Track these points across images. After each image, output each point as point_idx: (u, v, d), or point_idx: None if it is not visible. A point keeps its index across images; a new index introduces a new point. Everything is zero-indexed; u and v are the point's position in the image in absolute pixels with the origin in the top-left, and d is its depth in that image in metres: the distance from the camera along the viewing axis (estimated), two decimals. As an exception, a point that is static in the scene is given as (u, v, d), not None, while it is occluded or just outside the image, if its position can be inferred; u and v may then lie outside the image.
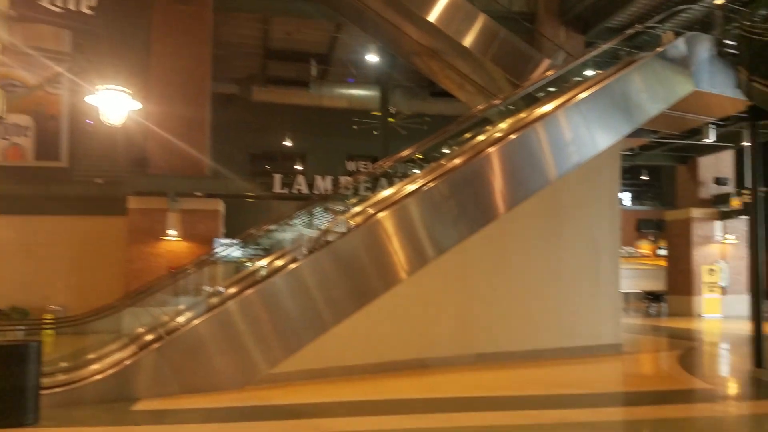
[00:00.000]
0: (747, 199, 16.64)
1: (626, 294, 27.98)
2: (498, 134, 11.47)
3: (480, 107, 12.52)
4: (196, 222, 16.25)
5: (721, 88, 13.12)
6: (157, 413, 7.13)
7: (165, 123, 15.59)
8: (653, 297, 25.22)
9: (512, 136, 10.88)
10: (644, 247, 30.38)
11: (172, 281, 11.05)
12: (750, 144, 10.23)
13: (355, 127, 25.91)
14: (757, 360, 9.69)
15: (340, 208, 11.91)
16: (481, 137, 11.65)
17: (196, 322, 8.60)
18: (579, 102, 11.34)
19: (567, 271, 11.66)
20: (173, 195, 15.79)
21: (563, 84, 13.64)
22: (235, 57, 21.44)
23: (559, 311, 11.48)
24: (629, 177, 31.20)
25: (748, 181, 14.64)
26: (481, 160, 10.64)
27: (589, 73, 13.47)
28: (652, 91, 12.23)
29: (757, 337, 9.75)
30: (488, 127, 12.01)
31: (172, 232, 15.86)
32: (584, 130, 11.35)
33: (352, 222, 10.13)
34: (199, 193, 16.21)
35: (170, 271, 10.64)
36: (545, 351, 11.11)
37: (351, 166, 21.19)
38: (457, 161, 10.97)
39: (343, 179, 16.23)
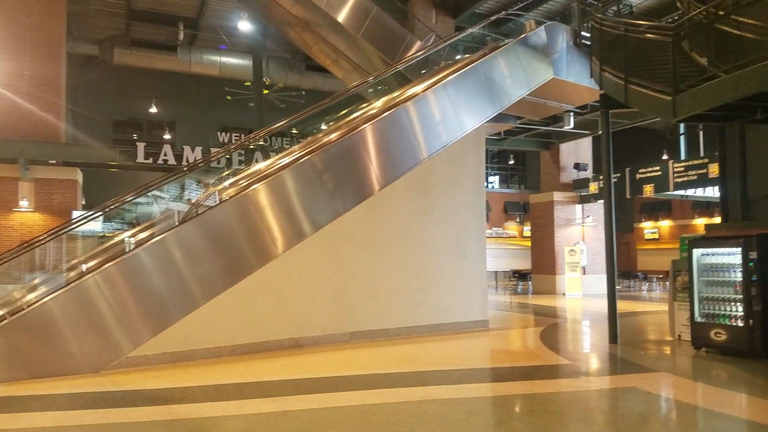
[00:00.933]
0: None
1: (495, 273, 29.63)
2: (372, 111, 11.30)
3: (354, 84, 12.25)
4: (51, 192, 14.86)
5: (578, 77, 13.92)
6: None
7: (13, 83, 14.25)
8: (520, 276, 26.68)
9: (385, 114, 10.75)
10: (512, 228, 32.20)
11: (23, 255, 9.81)
12: (604, 132, 10.82)
13: (229, 97, 24.78)
14: (612, 336, 10.42)
15: (210, 180, 11.24)
16: (355, 114, 11.42)
17: (47, 299, 7.68)
18: (447, 83, 11.41)
19: (437, 249, 11.81)
20: (24, 162, 14.22)
21: (433, 66, 13.79)
22: (95, 15, 19.51)
23: (430, 289, 11.62)
24: (497, 161, 32.92)
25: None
26: (356, 136, 10.39)
27: (458, 56, 13.74)
28: (516, 77, 12.65)
29: (611, 315, 10.47)
30: (362, 105, 11.82)
31: (24, 203, 14.49)
32: (451, 111, 11.48)
33: (223, 195, 9.49)
34: (53, 161, 14.72)
35: (22, 244, 9.37)
36: (417, 328, 11.29)
37: (224, 137, 20.12)
38: (332, 136, 10.63)
39: (214, 150, 15.32)
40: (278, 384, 7.31)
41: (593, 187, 22.10)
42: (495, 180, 33.28)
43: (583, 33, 14.10)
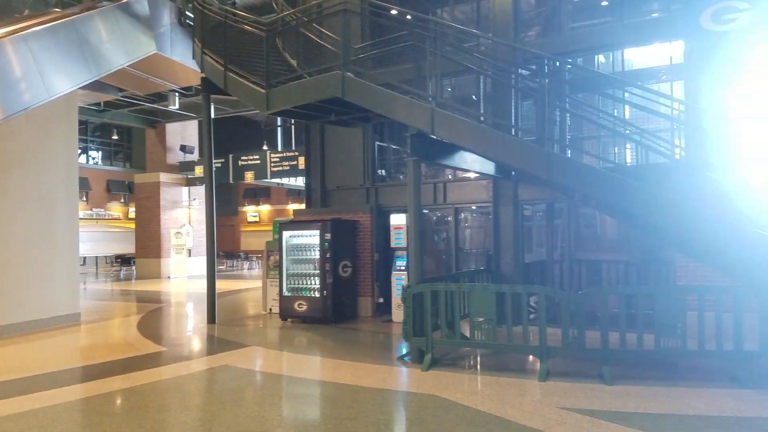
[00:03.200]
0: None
1: (95, 258, 27.17)
2: None
3: None
4: None
5: (183, 57, 13.71)
6: None
7: None
8: (123, 260, 25.09)
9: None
10: (116, 209, 29.93)
11: None
12: (205, 116, 10.94)
13: None
14: (211, 316, 10.70)
15: None
16: None
17: None
18: (29, 35, 9.63)
19: (16, 233, 10.03)
20: None
21: (14, 13, 11.60)
22: None
23: (3, 281, 9.81)
24: (100, 135, 30.02)
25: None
26: None
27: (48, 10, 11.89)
28: (115, 43, 11.65)
29: (210, 296, 10.73)
30: None
31: None
32: (35, 68, 9.80)
33: None
34: None
35: None
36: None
37: None
38: None
39: None
40: None
41: (198, 170, 22.32)
42: (98, 156, 30.22)
43: (189, 13, 13.93)
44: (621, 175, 6.54)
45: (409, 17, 8.23)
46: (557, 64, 7.32)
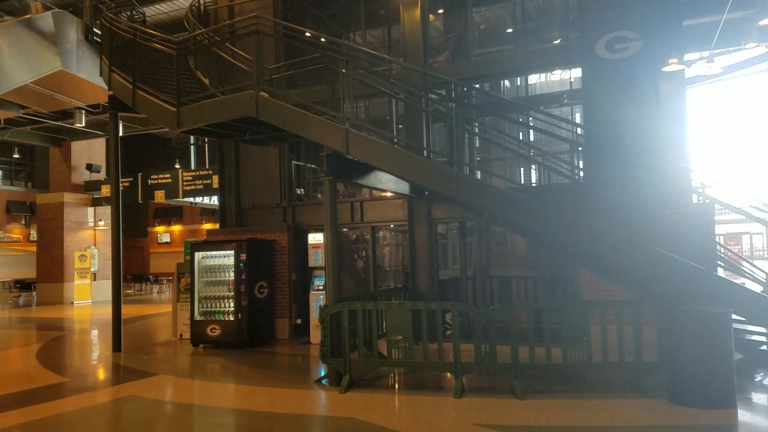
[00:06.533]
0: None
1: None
2: None
3: None
4: None
5: (90, 74, 13.12)
6: None
7: None
8: (23, 285, 23.37)
9: None
10: (15, 231, 27.82)
11: None
12: (112, 134, 10.47)
13: None
14: (116, 344, 10.10)
15: None
16: None
17: None
18: None
19: None
20: None
21: None
22: None
23: None
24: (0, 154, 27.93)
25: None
26: None
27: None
28: (17, 60, 11.04)
29: (116, 322, 10.14)
30: None
31: None
32: None
33: None
34: None
35: None
36: None
37: None
38: None
39: None
40: None
41: (105, 190, 21.23)
42: (-4, 175, 27.99)
43: (97, 30, 13.38)
44: (525, 195, 6.85)
45: (323, 40, 8.30)
46: (464, 89, 7.59)
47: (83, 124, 17.30)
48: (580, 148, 8.01)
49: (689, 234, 6.74)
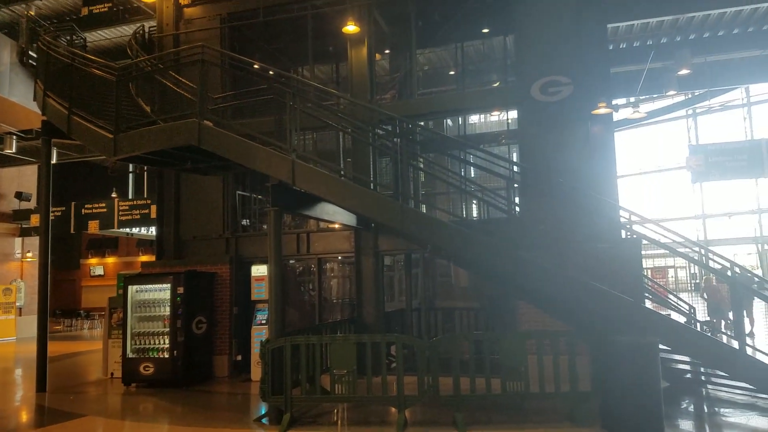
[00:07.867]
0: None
1: None
2: None
3: None
4: None
5: (23, 97, 12.69)
6: None
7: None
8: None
9: None
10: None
11: None
12: (44, 161, 10.08)
13: None
14: (41, 384, 9.49)
15: None
16: None
17: None
18: None
19: None
20: None
21: None
22: None
23: None
24: None
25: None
26: None
27: None
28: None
29: (41, 361, 9.56)
30: None
31: None
32: None
33: None
34: None
35: None
36: None
37: None
38: None
39: None
40: None
41: (35, 219, 20.21)
42: None
43: (33, 53, 12.97)
44: (465, 228, 7.04)
45: (271, 72, 8.37)
46: (409, 125, 7.82)
47: (14, 150, 16.57)
48: (516, 185, 8.34)
49: (619, 267, 7.08)
